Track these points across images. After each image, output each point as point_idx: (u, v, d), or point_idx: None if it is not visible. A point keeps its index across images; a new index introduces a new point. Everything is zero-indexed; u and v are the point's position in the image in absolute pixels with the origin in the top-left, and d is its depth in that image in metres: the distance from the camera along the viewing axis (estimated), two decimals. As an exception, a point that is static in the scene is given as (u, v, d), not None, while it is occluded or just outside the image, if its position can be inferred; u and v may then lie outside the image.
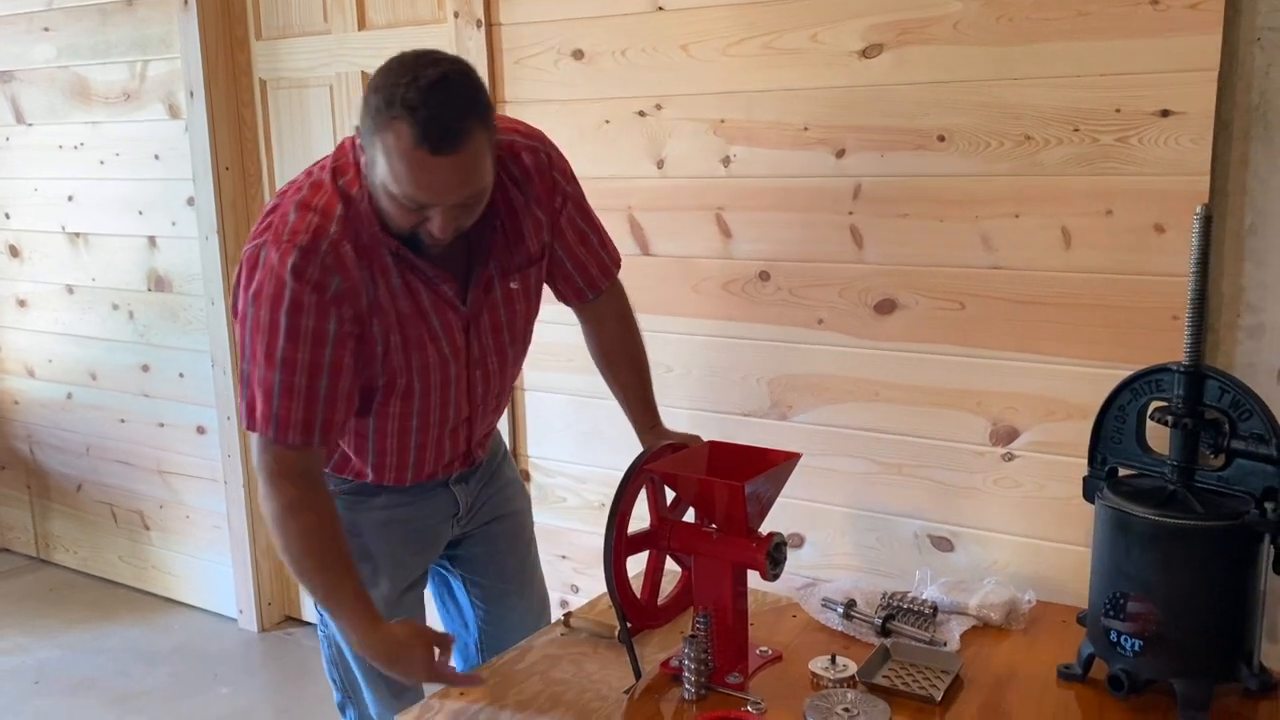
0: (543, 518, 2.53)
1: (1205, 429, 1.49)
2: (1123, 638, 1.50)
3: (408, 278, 1.55)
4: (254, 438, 1.55)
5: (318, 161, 1.59)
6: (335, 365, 1.50)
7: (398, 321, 1.56)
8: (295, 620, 3.31)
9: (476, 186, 1.45)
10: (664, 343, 2.32)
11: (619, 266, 1.83)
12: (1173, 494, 1.51)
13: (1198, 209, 1.47)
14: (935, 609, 1.76)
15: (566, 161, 1.73)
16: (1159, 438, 1.56)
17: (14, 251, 3.60)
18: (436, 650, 1.58)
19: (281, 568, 3.29)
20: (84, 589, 3.61)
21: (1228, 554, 1.45)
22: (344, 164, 1.54)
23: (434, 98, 1.36)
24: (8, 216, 3.58)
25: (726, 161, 2.17)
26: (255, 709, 2.83)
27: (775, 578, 1.58)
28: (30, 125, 3.42)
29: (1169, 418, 1.51)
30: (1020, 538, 1.98)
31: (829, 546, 2.19)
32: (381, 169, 1.42)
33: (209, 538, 3.34)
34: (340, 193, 1.51)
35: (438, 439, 1.71)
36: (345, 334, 1.50)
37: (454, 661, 1.93)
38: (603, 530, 1.58)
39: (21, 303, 3.64)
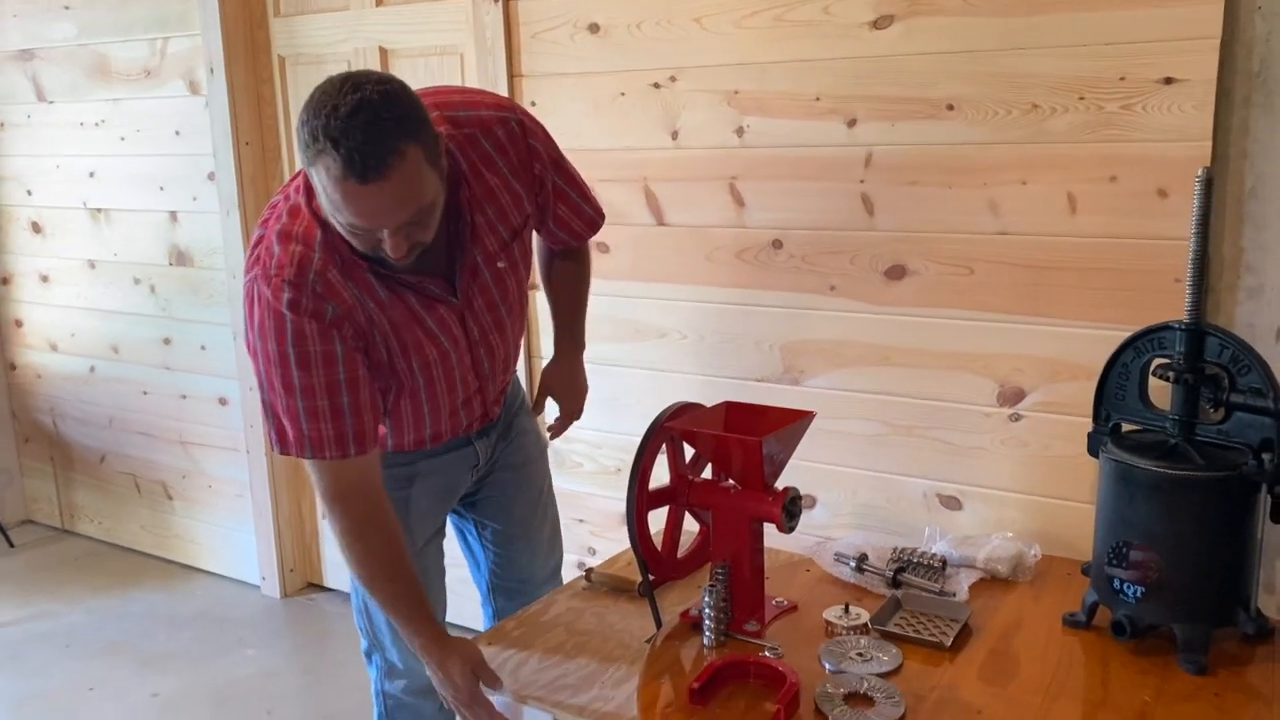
0: (560, 482, 2.58)
1: (1205, 384, 1.55)
2: (1125, 585, 1.56)
3: (393, 288, 1.58)
4: (309, 471, 1.61)
5: (292, 180, 1.60)
6: (351, 380, 1.54)
7: (392, 330, 1.60)
8: (317, 586, 3.38)
9: (417, 204, 1.42)
10: (678, 310, 2.38)
11: (603, 218, 1.88)
12: (1174, 447, 1.57)
13: (1199, 172, 1.52)
14: (944, 562, 1.82)
15: (540, 125, 1.73)
16: (1161, 394, 1.62)
17: (36, 228, 3.66)
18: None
19: (303, 535, 3.36)
20: (108, 558, 3.69)
21: (1226, 504, 1.51)
22: (313, 185, 1.52)
23: (354, 125, 1.33)
24: (30, 193, 3.64)
25: (740, 132, 2.22)
26: (281, 670, 2.91)
27: (791, 530, 1.64)
28: (51, 103, 3.47)
29: (1171, 374, 1.57)
30: (1027, 496, 2.04)
31: (841, 507, 2.25)
32: (323, 200, 1.42)
33: (231, 506, 3.41)
34: (315, 216, 1.52)
35: (451, 413, 1.77)
36: (351, 350, 1.54)
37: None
38: (619, 495, 1.64)
39: (44, 278, 3.70)
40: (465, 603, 2.16)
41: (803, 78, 2.13)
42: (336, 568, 3.31)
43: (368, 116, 1.34)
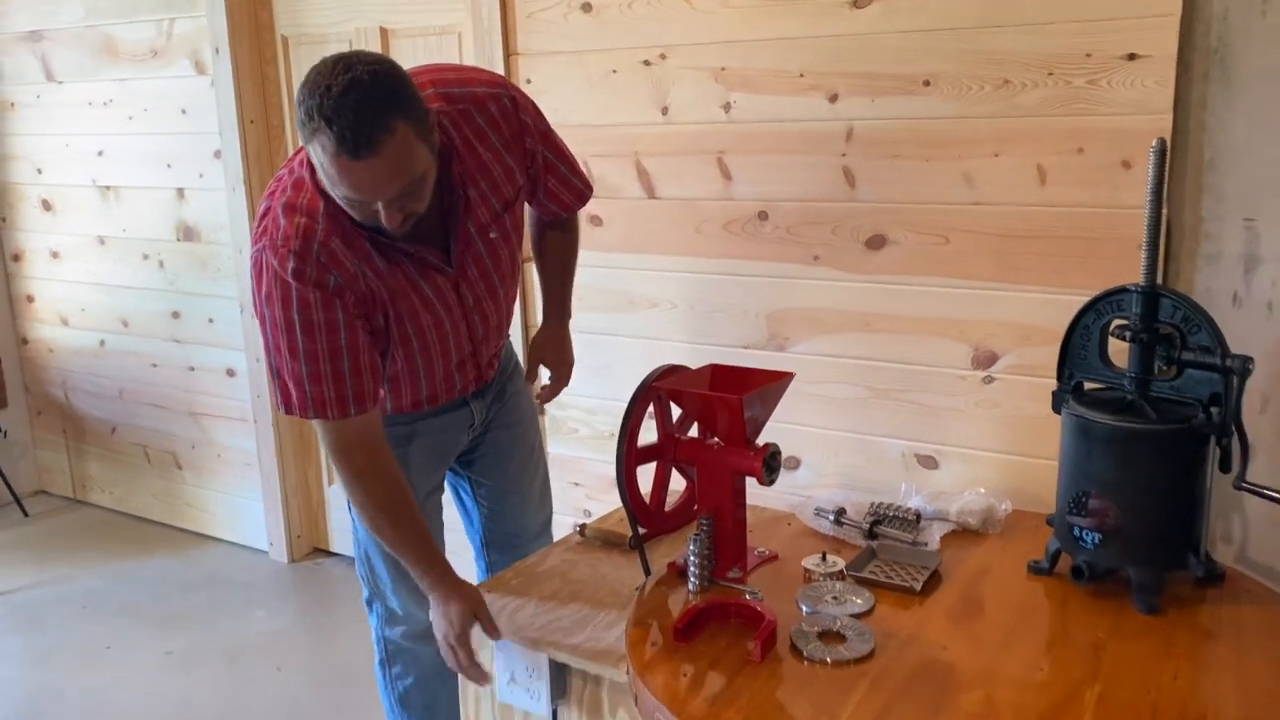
0: (556, 448, 2.70)
1: (1159, 343, 1.64)
2: (1084, 532, 1.66)
3: (391, 257, 1.67)
4: (316, 428, 1.71)
5: (295, 154, 1.69)
6: (352, 346, 1.64)
7: (390, 298, 1.69)
8: (323, 551, 3.50)
9: (408, 177, 1.51)
10: (669, 280, 2.48)
11: (591, 191, 1.97)
12: (1130, 402, 1.66)
13: (1154, 142, 1.61)
14: (919, 515, 1.92)
15: (530, 100, 1.82)
16: (1120, 353, 1.72)
17: (46, 205, 3.75)
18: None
19: (309, 503, 3.47)
20: (121, 526, 3.80)
21: (1177, 455, 1.61)
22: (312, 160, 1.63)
23: (346, 105, 1.42)
24: (40, 172, 3.73)
25: (727, 108, 2.31)
26: (289, 628, 3.03)
27: (771, 483, 1.74)
28: (60, 83, 3.56)
29: (1128, 334, 1.66)
30: (999, 454, 2.14)
31: (823, 467, 2.35)
32: (321, 174, 1.52)
33: (240, 475, 3.52)
34: (318, 188, 1.61)
35: (445, 376, 1.87)
36: (352, 317, 1.64)
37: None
38: (613, 459, 1.74)
39: (54, 255, 3.79)
40: (458, 561, 2.26)
41: (787, 55, 2.21)
42: (342, 533, 3.42)
43: (358, 96, 1.43)
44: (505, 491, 2.09)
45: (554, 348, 2.12)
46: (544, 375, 2.14)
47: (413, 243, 1.67)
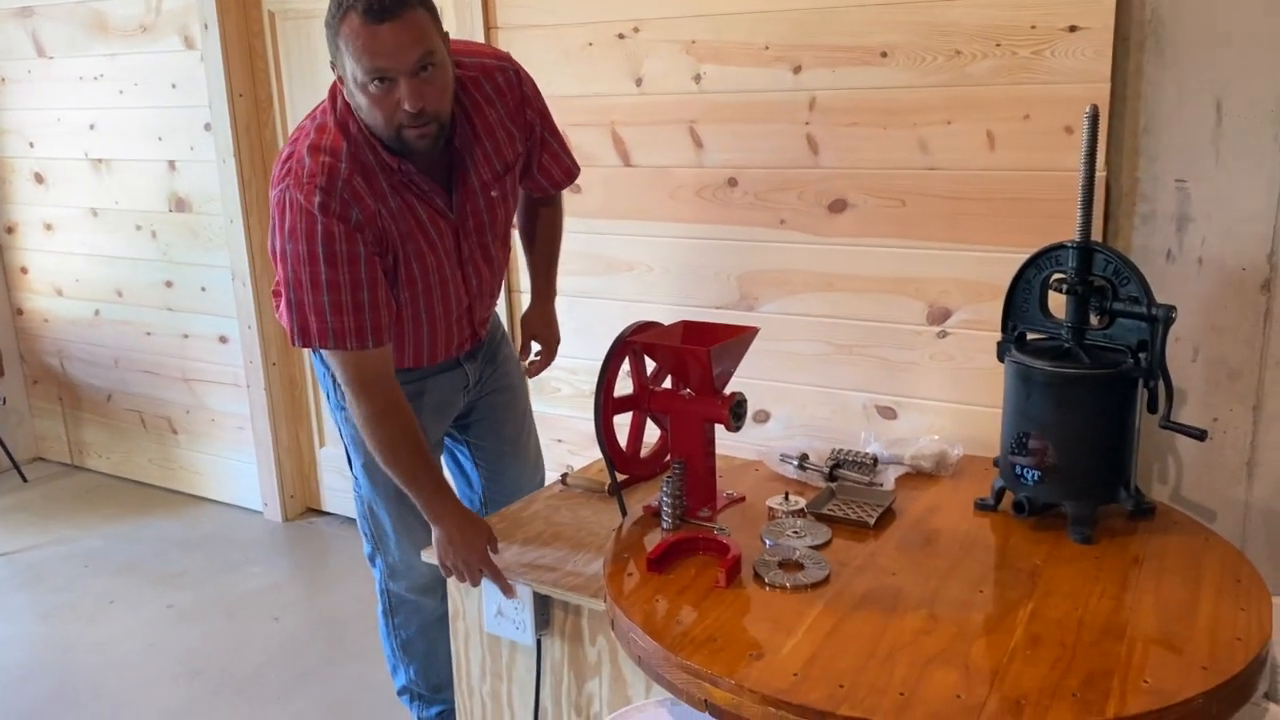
0: (539, 406, 2.83)
1: (1093, 295, 1.78)
2: (1025, 470, 1.81)
3: (405, 198, 1.82)
4: (335, 364, 1.82)
5: (319, 105, 1.85)
6: (371, 279, 1.77)
7: (401, 238, 1.83)
8: (316, 511, 3.63)
9: (425, 47, 1.66)
10: (645, 245, 2.60)
11: (579, 170, 2.12)
12: (1067, 350, 1.80)
13: (1087, 109, 1.74)
14: (876, 460, 2.06)
15: (531, 78, 1.98)
16: (1059, 306, 1.86)
17: (39, 178, 3.84)
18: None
19: (302, 464, 3.60)
20: (118, 490, 3.92)
21: (1108, 397, 1.75)
22: (338, 104, 1.79)
23: None
24: (32, 145, 3.81)
25: (698, 79, 2.43)
26: (286, 583, 3.16)
27: (738, 429, 1.87)
28: (51, 58, 3.64)
29: (1064, 286, 1.80)
30: (953, 404, 2.29)
31: (791, 419, 2.49)
32: (348, 65, 1.67)
33: (233, 438, 3.64)
34: (342, 129, 1.77)
35: (446, 327, 2.00)
36: (371, 253, 1.77)
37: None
38: (592, 415, 1.88)
39: (48, 227, 3.89)
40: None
41: (753, 28, 2.33)
42: (334, 493, 3.55)
43: None
44: (502, 453, 2.23)
45: (542, 323, 2.26)
46: (533, 350, 2.27)
47: (425, 178, 1.82)
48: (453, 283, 1.95)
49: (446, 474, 2.27)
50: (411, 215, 1.83)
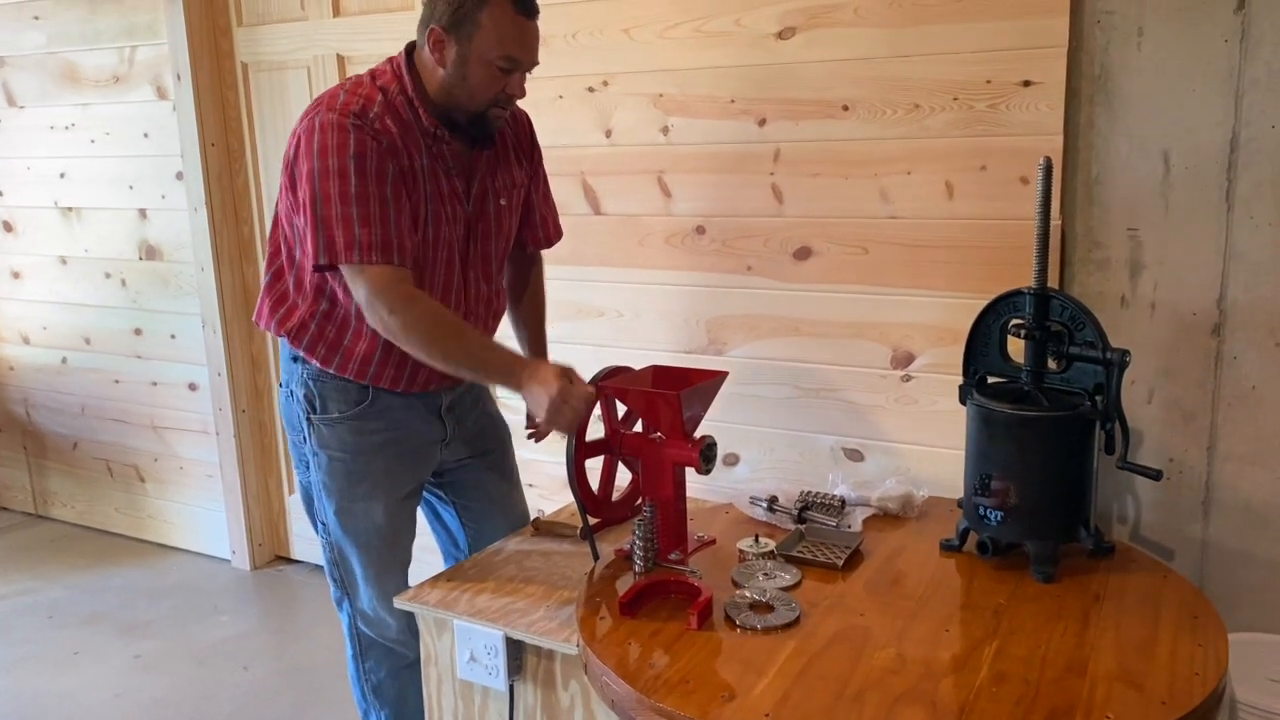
0: (511, 450, 2.84)
1: (1051, 339, 1.84)
2: (988, 511, 1.85)
3: (434, 164, 1.91)
4: (364, 286, 1.80)
5: (350, 77, 1.94)
6: (396, 197, 1.84)
7: (423, 194, 1.90)
8: (284, 559, 3.61)
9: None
10: (615, 291, 2.65)
11: (562, 234, 2.23)
12: (1026, 393, 1.86)
13: (1040, 160, 1.81)
14: (844, 502, 2.10)
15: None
16: (1017, 349, 1.91)
17: (8, 227, 3.84)
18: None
19: (270, 511, 3.58)
20: (83, 539, 3.88)
21: (1067, 439, 1.80)
22: (380, 70, 1.91)
23: None
24: (1, 194, 3.81)
25: (665, 131, 2.49)
26: (254, 632, 3.14)
27: (708, 472, 1.90)
28: (22, 108, 3.65)
29: (1023, 331, 1.85)
30: (918, 446, 2.33)
31: (759, 463, 2.53)
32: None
33: (202, 486, 3.62)
34: (379, 89, 1.87)
35: None
36: (398, 177, 1.85)
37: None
38: (564, 461, 1.90)
39: (15, 275, 3.88)
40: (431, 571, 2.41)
41: (719, 82, 2.40)
42: (303, 540, 3.54)
43: None
44: (489, 513, 2.24)
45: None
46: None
47: (455, 151, 1.93)
48: (456, 277, 1.99)
49: (427, 529, 2.28)
50: (435, 181, 1.91)
